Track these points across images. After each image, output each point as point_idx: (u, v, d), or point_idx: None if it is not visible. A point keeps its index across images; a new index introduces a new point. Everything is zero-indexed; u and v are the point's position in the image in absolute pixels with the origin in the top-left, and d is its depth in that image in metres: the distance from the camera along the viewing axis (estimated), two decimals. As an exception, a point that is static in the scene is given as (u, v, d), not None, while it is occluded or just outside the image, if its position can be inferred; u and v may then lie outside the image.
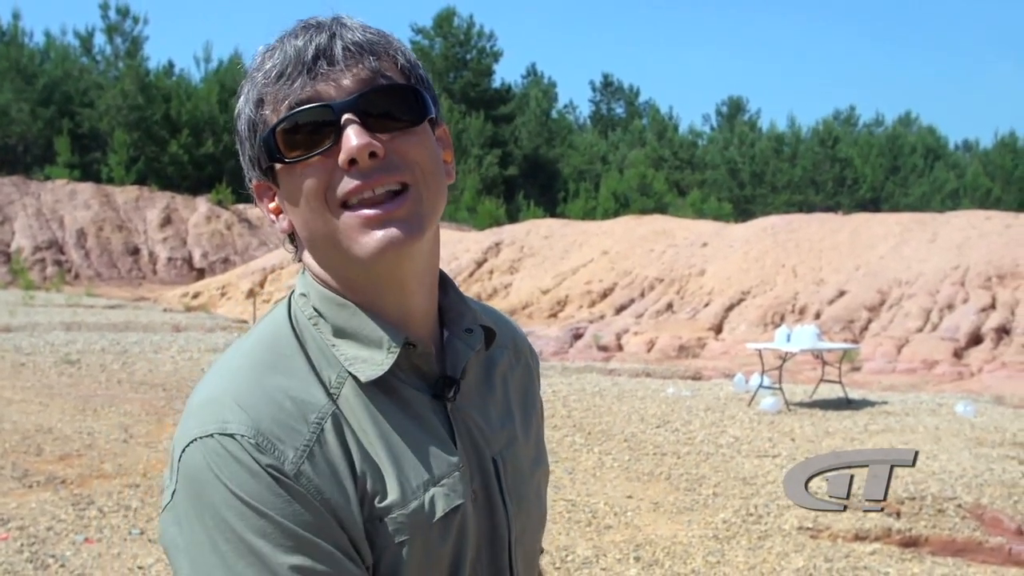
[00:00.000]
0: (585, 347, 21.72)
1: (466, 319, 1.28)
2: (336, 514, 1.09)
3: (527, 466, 1.34)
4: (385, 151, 1.13)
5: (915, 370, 18.70)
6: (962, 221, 26.32)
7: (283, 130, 1.14)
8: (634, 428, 11.24)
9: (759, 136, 64.26)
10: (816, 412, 12.90)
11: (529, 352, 1.47)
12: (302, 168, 1.15)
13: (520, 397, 1.39)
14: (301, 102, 1.13)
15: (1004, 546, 7.02)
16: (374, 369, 1.17)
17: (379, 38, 1.18)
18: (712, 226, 31.74)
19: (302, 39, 1.15)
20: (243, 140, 1.21)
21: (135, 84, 51.02)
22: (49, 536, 6.50)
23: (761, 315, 22.74)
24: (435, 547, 1.16)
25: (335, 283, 1.20)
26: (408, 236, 1.14)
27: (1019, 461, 9.85)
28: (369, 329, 1.18)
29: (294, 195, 1.17)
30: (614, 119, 77.66)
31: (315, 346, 1.19)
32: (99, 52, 57.81)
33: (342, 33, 1.15)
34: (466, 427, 1.24)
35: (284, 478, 1.07)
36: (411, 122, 1.17)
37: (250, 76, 1.19)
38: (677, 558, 6.49)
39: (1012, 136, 65.48)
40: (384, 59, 1.17)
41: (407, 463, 1.16)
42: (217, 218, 45.83)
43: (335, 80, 1.13)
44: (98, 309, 27.41)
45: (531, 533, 1.34)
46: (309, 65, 1.13)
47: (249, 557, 1.05)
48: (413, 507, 1.14)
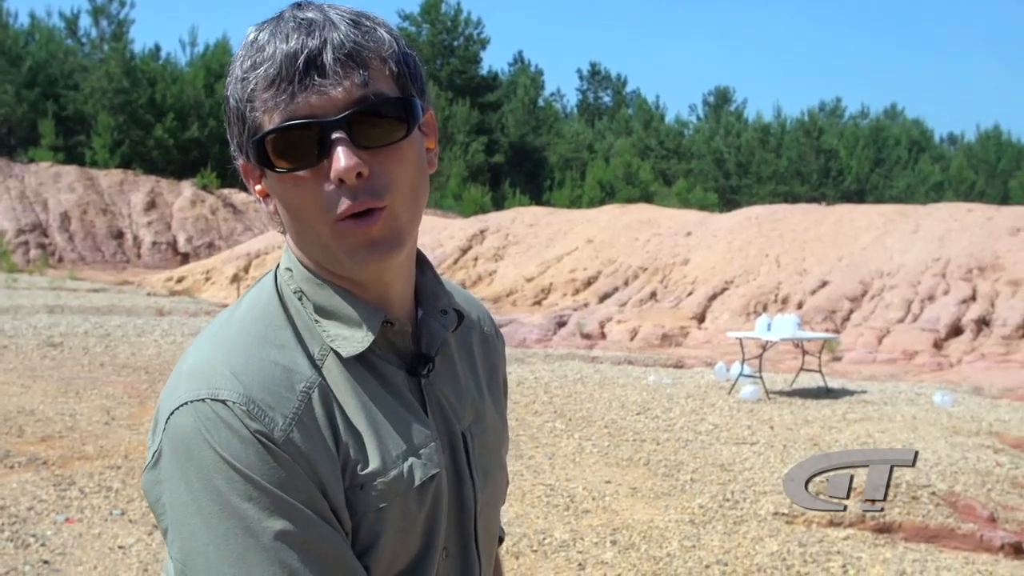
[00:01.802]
0: (569, 335, 21.78)
1: (441, 301, 1.34)
2: (320, 481, 1.13)
3: (493, 441, 1.39)
4: (370, 171, 1.16)
5: (895, 360, 18.83)
6: (944, 213, 26.46)
7: (273, 140, 1.16)
8: (614, 415, 11.31)
9: (745, 126, 64.34)
10: (795, 401, 13.00)
11: (496, 333, 1.52)
12: (292, 179, 1.17)
13: (487, 375, 1.44)
14: (291, 116, 1.14)
15: (976, 532, 7.11)
16: (354, 346, 1.22)
17: (369, 40, 1.18)
18: (696, 215, 31.82)
19: (293, 42, 1.14)
20: (231, 123, 1.22)
21: (120, 67, 50.74)
22: (30, 516, 6.53)
23: (744, 304, 22.84)
24: (412, 513, 1.21)
25: (316, 267, 1.25)
26: (390, 252, 1.19)
27: (994, 450, 9.97)
28: (348, 309, 1.23)
29: (284, 198, 1.20)
30: (601, 108, 77.69)
31: (300, 320, 1.23)
32: (84, 34, 57.55)
33: (332, 37, 1.15)
34: (438, 402, 1.30)
35: (272, 445, 1.10)
36: (399, 140, 1.19)
37: (240, 61, 1.19)
38: (653, 542, 6.56)
39: (996, 129, 65.81)
40: (374, 67, 1.17)
41: (387, 434, 1.21)
42: (202, 202, 45.69)
43: (326, 93, 1.14)
44: (81, 292, 27.34)
45: (493, 505, 1.40)
46: (300, 75, 1.14)
47: (233, 520, 1.08)
48: (393, 475, 1.19)
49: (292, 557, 1.09)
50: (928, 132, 70.14)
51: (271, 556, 1.09)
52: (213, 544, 1.09)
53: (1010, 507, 7.95)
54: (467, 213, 43.06)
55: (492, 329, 1.51)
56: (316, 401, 1.17)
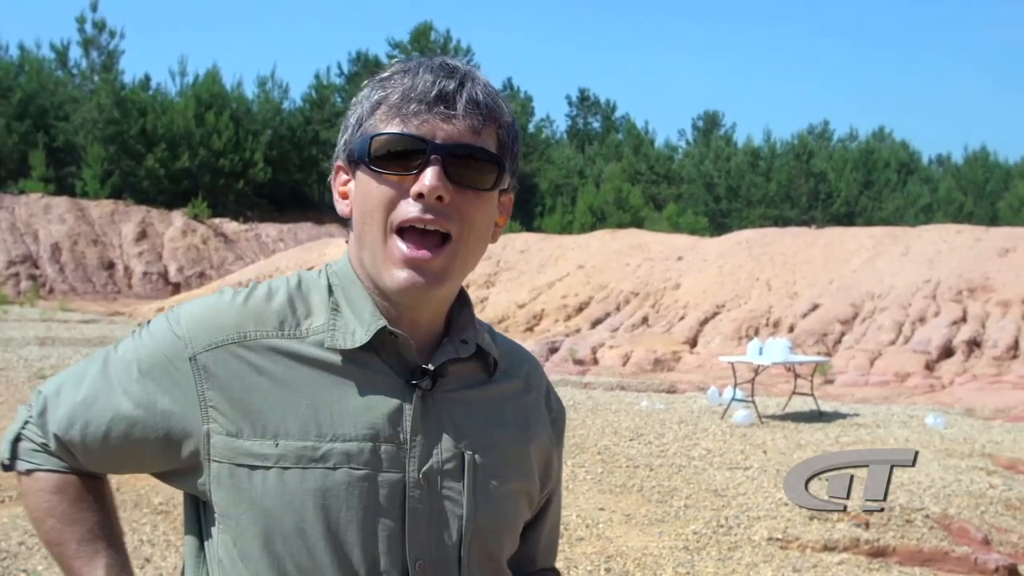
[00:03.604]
0: (561, 361, 21.78)
1: (467, 333, 1.43)
2: (196, 403, 1.34)
3: (503, 473, 1.42)
4: (450, 200, 1.31)
5: (887, 383, 18.86)
6: (934, 235, 26.56)
7: (383, 140, 1.32)
8: (607, 441, 11.29)
9: (735, 150, 64.59)
10: (788, 424, 13.00)
11: (547, 395, 1.58)
12: (380, 179, 1.32)
13: (518, 422, 1.49)
14: (407, 129, 1.31)
15: (970, 555, 7.11)
16: (347, 341, 1.36)
17: (496, 104, 1.36)
18: (687, 240, 31.90)
19: (432, 77, 1.32)
20: (348, 127, 1.39)
21: (111, 98, 50.84)
22: (21, 551, 6.50)
23: (736, 328, 22.87)
24: (320, 489, 1.31)
25: (361, 272, 1.39)
26: (429, 286, 1.33)
27: (987, 472, 9.97)
28: (362, 308, 1.37)
29: (364, 193, 1.35)
30: (590, 133, 77.92)
31: (321, 298, 1.40)
32: (75, 65, 57.66)
33: (469, 86, 1.33)
34: (439, 418, 1.37)
35: (181, 345, 1.37)
36: (484, 189, 1.35)
37: (379, 81, 1.37)
38: (647, 569, 6.54)
39: (983, 150, 66.18)
40: (490, 124, 1.34)
41: (328, 416, 1.33)
42: (193, 232, 45.66)
43: (442, 123, 1.31)
44: (72, 324, 27.27)
45: (495, 535, 1.42)
46: (430, 103, 1.30)
47: (106, 365, 1.45)
48: (304, 444, 1.31)
49: (108, 378, 1.43)
50: (916, 154, 70.49)
51: (110, 359, 1.47)
52: None
53: (1004, 529, 7.96)
54: (458, 240, 43.03)
55: (542, 387, 1.58)
56: (243, 349, 1.35)
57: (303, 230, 50.17)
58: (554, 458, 1.56)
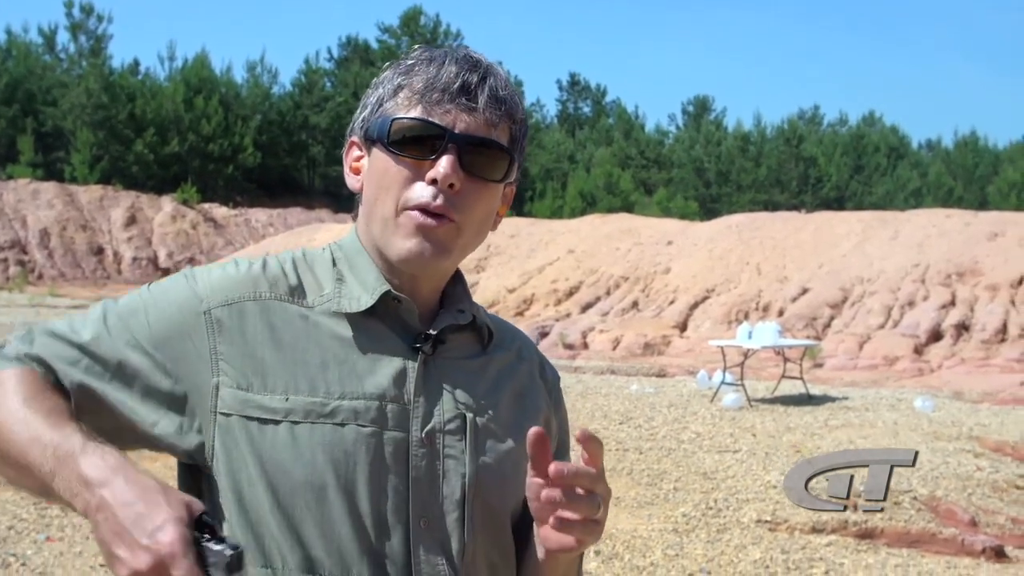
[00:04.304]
0: (551, 345, 21.79)
1: (462, 304, 1.50)
2: (207, 355, 1.36)
3: (503, 434, 1.47)
4: (461, 188, 1.36)
5: (876, 366, 18.93)
6: (923, 219, 26.62)
7: (405, 124, 1.37)
8: (597, 425, 11.31)
9: (725, 135, 64.63)
10: (777, 408, 13.05)
11: (540, 365, 1.64)
12: (397, 160, 1.37)
13: (514, 390, 1.54)
14: (429, 116, 1.36)
15: (957, 537, 7.15)
16: (353, 305, 1.41)
17: (513, 100, 1.41)
18: (677, 224, 31.93)
19: (456, 68, 1.37)
20: (368, 105, 1.44)
21: (99, 83, 50.64)
22: (10, 535, 6.50)
23: (725, 313, 22.91)
24: (328, 444, 1.34)
25: (368, 243, 1.45)
26: (435, 255, 1.38)
27: (974, 454, 10.02)
28: (367, 274, 1.44)
29: (379, 171, 1.40)
30: (581, 118, 77.82)
31: (327, 270, 1.46)
32: (63, 50, 57.46)
33: (491, 80, 1.38)
34: (440, 381, 1.43)
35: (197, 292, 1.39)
36: (494, 180, 1.41)
37: (404, 65, 1.42)
38: (636, 551, 6.57)
39: (973, 135, 66.36)
40: (506, 120, 1.40)
41: (337, 376, 1.37)
42: (182, 217, 45.56)
43: (463, 114, 1.36)
44: (62, 310, 27.21)
45: (498, 493, 1.45)
46: (453, 94, 1.36)
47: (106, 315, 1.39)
48: (313, 399, 1.35)
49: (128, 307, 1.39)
50: (906, 139, 70.62)
51: (131, 296, 1.42)
52: None
53: (991, 511, 8.00)
54: (448, 225, 43.03)
55: (535, 358, 1.64)
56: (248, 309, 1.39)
57: (293, 215, 50.10)
58: (553, 420, 1.60)
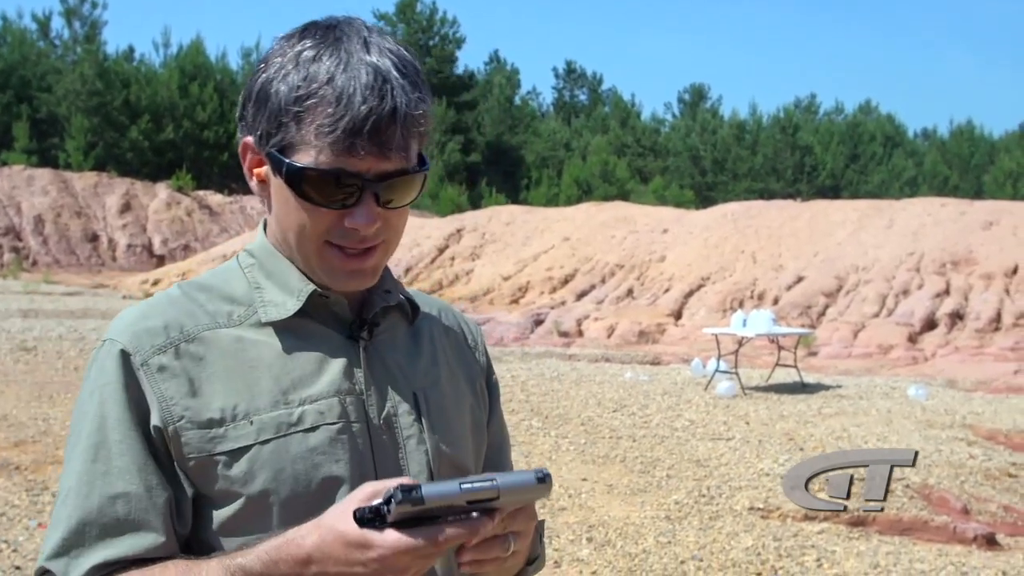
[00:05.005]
0: (546, 333, 21.79)
1: (387, 284, 1.48)
2: (158, 405, 1.31)
3: (451, 404, 1.50)
4: (383, 223, 1.33)
5: (871, 354, 18.94)
6: (918, 208, 26.62)
7: (315, 175, 1.28)
8: (591, 412, 11.33)
9: (721, 123, 64.53)
10: (771, 396, 13.06)
11: (461, 325, 1.64)
12: (311, 209, 1.31)
13: (452, 355, 1.56)
14: (341, 165, 1.28)
15: (949, 525, 7.16)
16: (280, 312, 1.39)
17: (421, 112, 1.30)
18: (673, 213, 31.90)
19: (365, 105, 1.25)
20: (256, 102, 1.32)
21: (94, 69, 50.44)
22: (2, 521, 6.49)
23: (720, 301, 22.92)
24: (297, 450, 1.34)
25: (283, 246, 1.41)
26: (368, 279, 1.39)
27: (967, 442, 10.04)
28: (288, 278, 1.40)
29: (289, 208, 1.34)
30: (577, 106, 77.68)
31: (243, 286, 1.42)
32: (57, 36, 57.15)
33: (400, 104, 1.27)
34: (384, 365, 1.43)
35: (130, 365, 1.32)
36: (411, 200, 1.37)
37: (294, 67, 1.29)
38: (629, 538, 6.58)
39: (969, 124, 66.31)
40: (415, 137, 1.31)
41: (290, 385, 1.36)
42: (177, 204, 45.45)
43: (376, 157, 1.27)
44: (56, 296, 27.17)
45: (463, 462, 1.48)
46: (365, 136, 1.26)
47: (75, 424, 1.34)
48: (277, 413, 1.33)
49: (92, 470, 1.29)
50: (902, 127, 70.55)
51: (78, 462, 1.30)
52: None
53: (983, 499, 8.02)
54: (444, 213, 43.01)
55: (455, 321, 1.63)
56: (184, 351, 1.34)
57: (288, 202, 49.91)
58: (489, 377, 1.64)
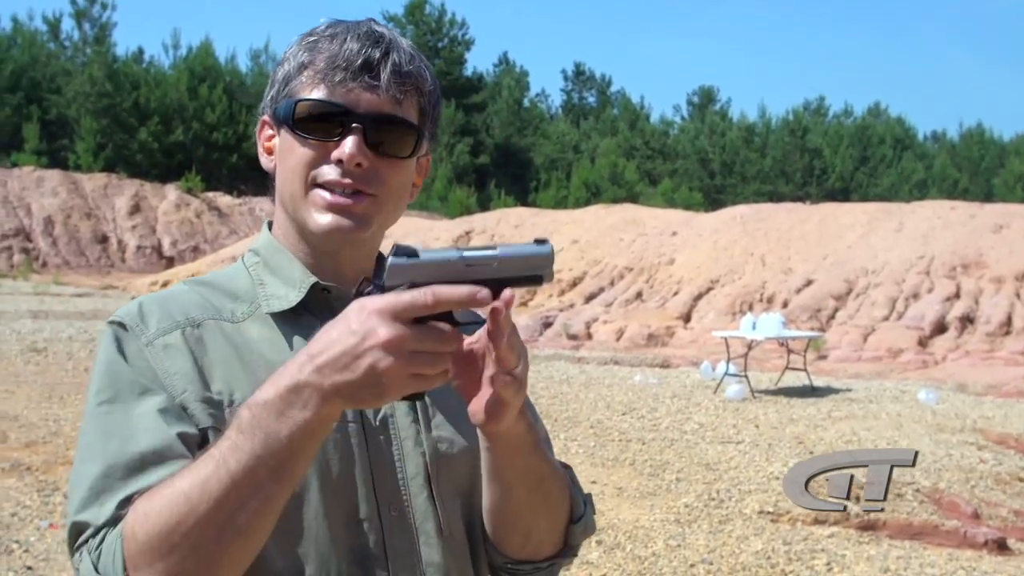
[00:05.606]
0: (555, 336, 21.79)
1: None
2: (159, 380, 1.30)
3: (454, 406, 1.42)
4: (369, 166, 1.34)
5: (880, 358, 18.89)
6: (928, 211, 26.55)
7: (307, 105, 1.35)
8: (600, 415, 11.32)
9: (730, 126, 64.44)
10: (781, 399, 13.04)
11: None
12: (303, 142, 1.36)
13: None
14: (331, 96, 1.35)
15: (959, 529, 7.15)
16: (282, 304, 1.40)
17: (419, 72, 1.39)
18: (682, 215, 31.85)
19: (358, 44, 1.35)
20: (275, 82, 1.42)
21: (103, 71, 50.56)
22: (13, 522, 6.51)
23: (730, 304, 22.88)
24: None
25: (286, 240, 1.45)
26: (354, 227, 1.36)
27: (977, 447, 10.01)
28: (291, 271, 1.42)
29: (287, 153, 1.39)
30: (586, 108, 77.62)
31: (247, 283, 1.44)
32: (67, 38, 57.34)
33: (394, 55, 1.36)
34: None
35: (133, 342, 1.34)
36: (402, 156, 1.38)
37: (307, 42, 1.39)
38: (639, 541, 6.57)
39: (979, 127, 66.12)
40: (412, 94, 1.38)
41: None
42: (187, 206, 45.52)
43: (365, 92, 1.34)
44: (66, 297, 27.25)
45: (461, 463, 1.43)
46: (355, 71, 1.34)
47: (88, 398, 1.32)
48: None
49: (109, 420, 1.27)
50: (912, 130, 70.37)
51: (93, 419, 1.29)
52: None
53: (993, 503, 8.00)
54: (452, 215, 43.01)
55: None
56: (189, 335, 1.34)
57: (297, 204, 49.98)
58: None
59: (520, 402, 1.27)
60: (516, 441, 1.33)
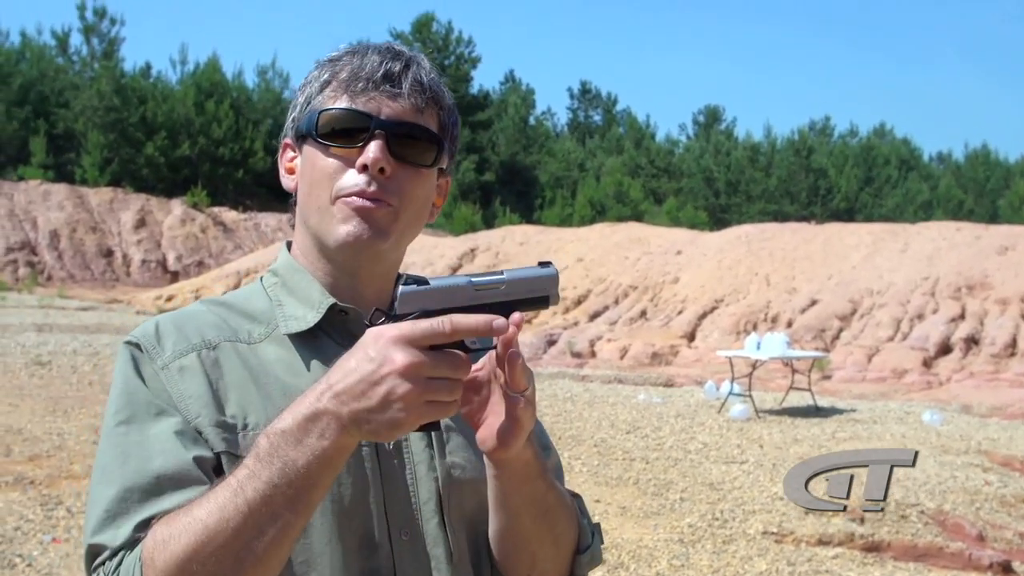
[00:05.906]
0: (559, 354, 21.77)
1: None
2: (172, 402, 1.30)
3: (459, 429, 1.44)
4: (392, 174, 1.35)
5: (885, 379, 18.87)
6: (933, 232, 26.55)
7: (330, 115, 1.37)
8: (604, 434, 11.31)
9: (735, 145, 64.50)
10: (785, 419, 13.02)
11: None
12: (327, 152, 1.37)
13: None
14: (354, 105, 1.36)
15: (964, 551, 7.12)
16: (300, 324, 1.39)
17: (439, 87, 1.42)
18: (686, 234, 31.87)
19: (380, 58, 1.38)
20: (296, 105, 1.44)
21: (111, 85, 50.72)
22: (16, 536, 6.50)
23: (734, 323, 22.86)
24: None
25: (306, 259, 1.44)
26: (372, 237, 1.35)
27: (982, 469, 9.98)
28: (309, 291, 1.41)
29: (310, 166, 1.39)
30: (591, 126, 77.80)
31: (264, 304, 1.44)
32: (75, 52, 57.48)
33: (414, 68, 1.39)
34: None
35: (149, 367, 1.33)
36: (424, 165, 1.39)
37: (328, 62, 1.42)
38: (642, 561, 6.56)
39: (984, 148, 66.17)
40: (432, 106, 1.40)
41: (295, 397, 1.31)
42: (192, 221, 45.61)
43: (387, 100, 1.36)
44: (70, 311, 27.27)
45: (473, 490, 1.41)
46: (376, 81, 1.36)
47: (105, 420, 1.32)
48: None
49: (126, 441, 1.27)
50: (917, 151, 70.38)
51: (111, 440, 1.29)
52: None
53: (998, 526, 7.97)
54: (458, 232, 43.07)
55: None
56: (206, 357, 1.34)
57: (302, 220, 49.99)
58: None
59: (532, 424, 1.28)
60: (523, 468, 1.33)
